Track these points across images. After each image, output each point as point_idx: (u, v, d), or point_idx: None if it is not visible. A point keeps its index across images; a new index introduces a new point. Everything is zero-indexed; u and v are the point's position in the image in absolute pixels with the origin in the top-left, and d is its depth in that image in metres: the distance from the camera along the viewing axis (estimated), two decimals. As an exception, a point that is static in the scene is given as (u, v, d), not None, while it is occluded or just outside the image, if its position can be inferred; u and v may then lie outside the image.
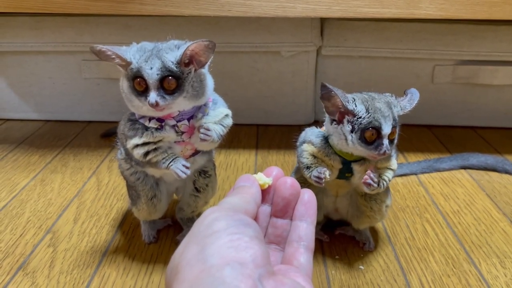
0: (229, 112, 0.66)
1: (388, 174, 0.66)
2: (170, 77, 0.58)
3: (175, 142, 0.64)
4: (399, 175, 1.00)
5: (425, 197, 0.91)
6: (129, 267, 0.70)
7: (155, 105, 0.58)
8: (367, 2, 0.87)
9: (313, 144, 0.67)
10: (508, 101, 1.23)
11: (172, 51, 0.60)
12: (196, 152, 0.67)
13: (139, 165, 0.67)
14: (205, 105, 0.65)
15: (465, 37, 1.14)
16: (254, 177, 0.43)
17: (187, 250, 0.34)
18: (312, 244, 0.42)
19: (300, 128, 0.75)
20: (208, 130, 0.62)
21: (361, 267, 0.71)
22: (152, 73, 0.57)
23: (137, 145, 0.62)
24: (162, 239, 0.77)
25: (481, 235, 0.79)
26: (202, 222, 0.36)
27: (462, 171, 1.02)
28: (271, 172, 0.44)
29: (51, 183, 0.95)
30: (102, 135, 1.18)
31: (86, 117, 1.28)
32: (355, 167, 0.66)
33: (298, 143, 0.71)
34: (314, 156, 0.67)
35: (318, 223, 0.77)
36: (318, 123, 0.73)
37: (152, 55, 0.58)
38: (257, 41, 1.15)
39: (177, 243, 0.75)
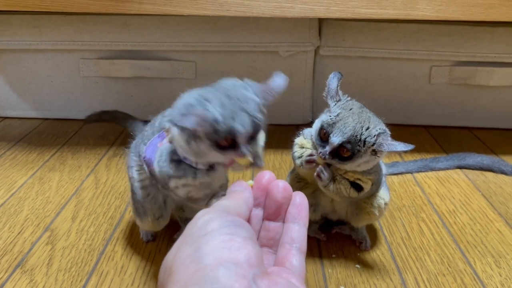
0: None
1: (342, 186, 0.66)
2: (257, 128, 0.54)
3: None
4: (395, 173, 1.00)
5: (421, 197, 0.92)
6: (127, 265, 0.71)
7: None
8: (365, 3, 0.87)
9: (303, 136, 0.71)
10: (504, 102, 1.24)
11: (253, 101, 0.53)
12: None
13: (164, 188, 0.63)
14: None
15: (462, 38, 1.15)
16: (246, 183, 0.44)
17: (181, 251, 0.34)
18: (304, 246, 0.43)
19: (297, 127, 0.75)
20: (260, 159, 0.59)
21: (357, 266, 0.72)
22: (245, 132, 0.51)
23: (186, 185, 0.59)
24: (160, 237, 0.78)
25: (476, 234, 0.80)
26: (195, 224, 0.36)
27: (458, 171, 1.03)
28: (263, 176, 0.45)
29: (49, 181, 0.95)
30: (85, 120, 1.19)
31: (84, 115, 1.28)
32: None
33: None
34: (303, 147, 0.69)
35: (315, 223, 0.78)
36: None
37: (237, 111, 0.51)
38: (255, 40, 1.16)
39: (174, 242, 0.75)
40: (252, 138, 0.54)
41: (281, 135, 1.20)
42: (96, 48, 1.18)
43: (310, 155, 0.67)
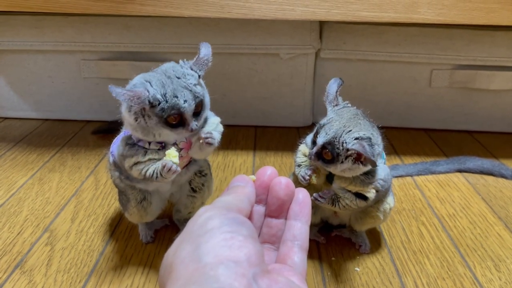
0: (219, 119, 0.68)
1: (348, 201, 0.66)
2: (199, 102, 0.60)
3: None
4: (395, 176, 1.00)
5: (421, 200, 0.92)
6: (126, 266, 0.70)
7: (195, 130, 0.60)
8: (366, 6, 0.88)
9: (306, 145, 0.70)
10: (505, 106, 1.24)
11: (192, 76, 0.60)
12: (189, 162, 0.69)
13: (128, 179, 0.68)
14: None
15: (463, 42, 1.15)
16: (248, 177, 0.43)
17: (181, 249, 0.34)
18: (306, 243, 0.42)
19: (298, 130, 0.75)
20: (211, 133, 0.63)
21: (356, 269, 0.71)
22: (189, 106, 0.58)
23: (137, 163, 0.62)
24: (159, 239, 0.78)
25: (476, 238, 0.80)
26: (195, 221, 0.36)
27: (458, 174, 1.03)
28: (265, 172, 0.44)
29: (49, 182, 0.95)
30: (93, 132, 1.20)
31: (84, 116, 1.28)
32: (335, 178, 0.67)
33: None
34: (305, 155, 0.69)
35: (315, 225, 0.78)
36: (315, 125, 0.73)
37: (177, 88, 0.58)
38: (256, 43, 1.16)
39: (174, 243, 0.76)
40: (197, 113, 0.60)
41: (281, 137, 1.20)
42: (97, 49, 1.18)
43: (303, 177, 0.67)
